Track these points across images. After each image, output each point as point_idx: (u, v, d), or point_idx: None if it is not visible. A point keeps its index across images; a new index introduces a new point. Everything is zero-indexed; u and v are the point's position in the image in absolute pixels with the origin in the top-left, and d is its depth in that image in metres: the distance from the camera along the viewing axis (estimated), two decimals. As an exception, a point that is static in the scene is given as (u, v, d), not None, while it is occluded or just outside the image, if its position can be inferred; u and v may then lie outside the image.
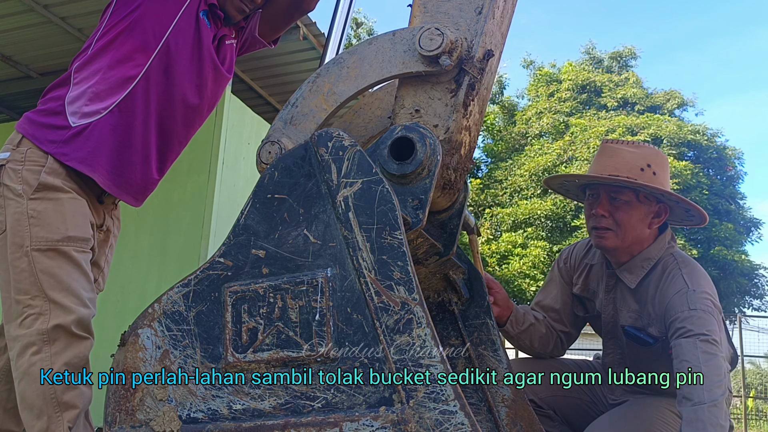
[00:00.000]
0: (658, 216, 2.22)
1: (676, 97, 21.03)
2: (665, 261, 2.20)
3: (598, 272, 2.38)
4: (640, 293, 2.22)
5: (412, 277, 1.25)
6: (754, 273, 18.50)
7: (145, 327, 1.40)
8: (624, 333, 2.25)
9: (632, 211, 2.18)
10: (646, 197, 2.18)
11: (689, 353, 1.97)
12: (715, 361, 1.96)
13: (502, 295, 2.24)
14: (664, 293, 2.12)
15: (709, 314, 2.03)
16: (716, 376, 1.95)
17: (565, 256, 2.53)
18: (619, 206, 2.18)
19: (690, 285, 2.09)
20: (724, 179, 18.69)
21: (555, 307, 2.45)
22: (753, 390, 14.93)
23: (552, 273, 2.56)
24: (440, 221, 1.78)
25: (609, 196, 2.19)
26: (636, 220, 2.18)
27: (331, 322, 1.26)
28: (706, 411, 1.90)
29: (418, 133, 1.50)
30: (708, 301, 2.07)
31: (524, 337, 2.33)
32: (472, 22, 1.60)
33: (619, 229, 2.18)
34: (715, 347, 1.97)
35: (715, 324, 2.02)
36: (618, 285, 2.29)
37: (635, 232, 2.19)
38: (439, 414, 1.14)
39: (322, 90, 1.69)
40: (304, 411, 1.24)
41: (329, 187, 1.38)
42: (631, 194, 2.17)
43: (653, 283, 2.18)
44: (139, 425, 1.35)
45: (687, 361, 1.96)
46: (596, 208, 2.21)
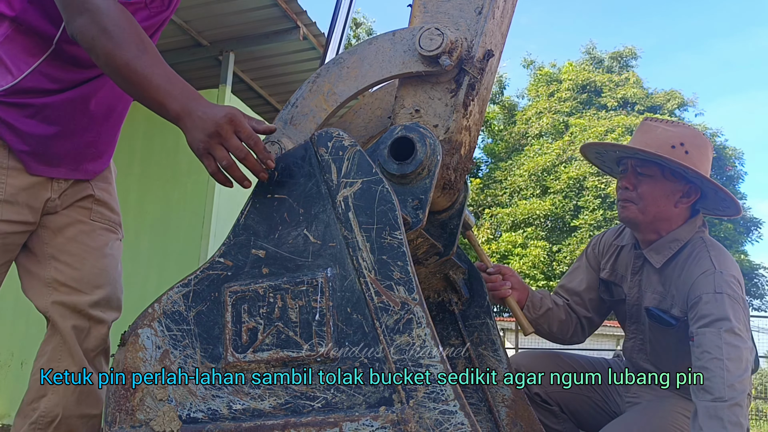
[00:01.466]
0: (687, 196, 2.20)
1: (676, 97, 21.06)
2: (693, 243, 2.18)
3: (627, 254, 2.36)
4: (665, 274, 2.20)
5: (412, 277, 1.25)
6: (754, 273, 18.51)
7: (145, 327, 1.40)
8: (647, 314, 2.22)
9: (656, 185, 2.17)
10: (672, 174, 2.16)
11: (712, 344, 1.92)
12: (739, 353, 1.91)
13: (517, 279, 2.23)
14: (690, 273, 2.10)
15: (735, 301, 1.98)
16: (739, 371, 1.89)
17: (595, 242, 2.52)
18: (643, 180, 2.18)
19: (717, 266, 2.05)
20: (724, 179, 18.70)
21: (579, 290, 2.43)
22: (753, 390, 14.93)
23: (580, 259, 2.54)
24: (440, 221, 1.78)
25: (635, 170, 2.20)
26: (659, 195, 2.17)
27: (331, 322, 1.26)
28: (727, 409, 1.85)
29: (418, 133, 1.50)
30: (735, 285, 2.03)
31: (542, 321, 2.30)
32: (472, 22, 1.60)
33: (641, 201, 2.18)
34: (740, 338, 1.92)
35: (741, 312, 1.98)
36: (644, 267, 2.28)
37: (658, 207, 2.18)
38: (439, 414, 1.14)
39: (322, 90, 1.69)
40: (304, 411, 1.24)
41: (329, 187, 1.38)
42: (656, 169, 2.17)
43: (679, 264, 2.16)
44: (139, 425, 1.35)
45: (709, 353, 1.91)
46: (623, 180, 2.24)
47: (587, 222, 17.63)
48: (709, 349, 1.92)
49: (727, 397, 1.86)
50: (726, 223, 17.65)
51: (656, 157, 2.12)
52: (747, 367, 1.92)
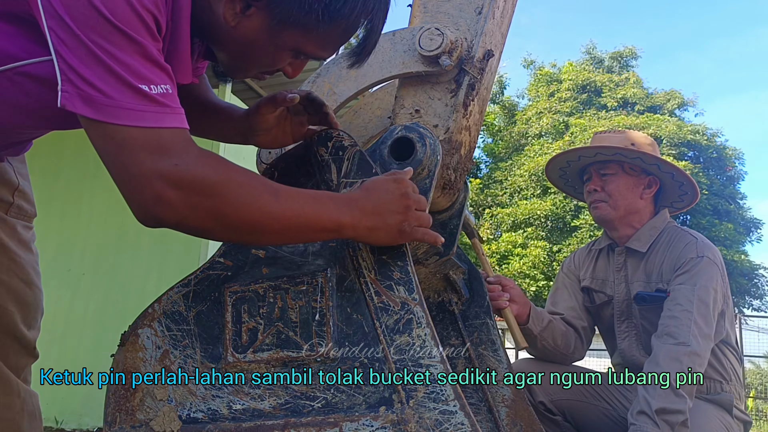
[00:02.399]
0: (649, 187, 2.41)
1: (676, 97, 21.06)
2: (669, 229, 2.37)
3: (606, 257, 2.49)
4: (650, 260, 2.33)
5: (411, 277, 1.25)
6: (754, 273, 18.52)
7: (144, 327, 1.39)
8: (637, 300, 2.31)
9: (619, 180, 2.38)
10: (632, 168, 2.39)
11: (684, 298, 2.09)
12: (707, 311, 2.08)
13: (517, 291, 2.22)
14: (675, 247, 2.28)
15: (714, 265, 2.18)
16: (707, 328, 2.06)
17: (568, 261, 2.64)
18: (608, 179, 2.40)
19: (698, 238, 2.28)
20: (724, 179, 18.69)
21: (569, 304, 2.50)
22: (753, 390, 14.92)
23: (557, 281, 2.62)
24: (440, 221, 1.78)
25: (598, 173, 2.42)
26: (625, 189, 2.38)
27: (331, 322, 1.26)
28: (687, 356, 1.98)
29: (417, 133, 1.50)
30: (716, 251, 2.24)
31: (546, 335, 2.30)
32: (472, 22, 1.60)
33: (610, 198, 2.38)
34: (710, 297, 2.11)
35: (719, 278, 2.17)
36: (627, 260, 2.40)
37: (626, 200, 2.37)
38: (439, 414, 1.14)
39: (322, 90, 1.69)
40: (303, 411, 1.24)
41: (329, 187, 1.38)
42: (616, 166, 2.39)
43: (662, 246, 2.33)
44: (139, 425, 1.34)
45: (681, 305, 2.08)
46: (589, 185, 2.44)
47: (587, 222, 17.64)
48: (681, 302, 2.09)
49: (690, 343, 1.99)
50: (726, 222, 17.65)
51: (616, 150, 2.33)
52: (711, 327, 2.08)
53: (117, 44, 0.99)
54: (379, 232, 1.21)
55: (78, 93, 0.99)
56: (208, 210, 1.07)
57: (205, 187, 1.05)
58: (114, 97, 0.99)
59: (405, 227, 1.23)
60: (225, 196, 1.07)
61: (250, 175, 1.12)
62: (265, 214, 1.10)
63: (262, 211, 1.10)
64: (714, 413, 2.16)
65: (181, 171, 1.03)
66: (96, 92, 0.98)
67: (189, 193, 1.04)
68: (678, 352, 1.98)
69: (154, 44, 1.04)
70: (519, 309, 2.20)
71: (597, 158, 2.40)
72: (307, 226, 1.15)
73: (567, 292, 2.53)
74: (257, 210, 1.10)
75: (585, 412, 2.32)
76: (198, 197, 1.05)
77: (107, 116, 0.99)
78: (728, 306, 2.25)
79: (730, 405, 2.23)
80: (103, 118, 0.99)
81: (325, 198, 1.19)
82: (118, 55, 0.99)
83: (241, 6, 1.14)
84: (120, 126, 0.99)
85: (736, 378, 2.30)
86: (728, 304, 2.26)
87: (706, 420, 2.10)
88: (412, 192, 1.25)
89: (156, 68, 1.03)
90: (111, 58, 0.98)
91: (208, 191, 1.05)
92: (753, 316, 17.70)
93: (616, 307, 2.40)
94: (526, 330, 2.24)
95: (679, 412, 1.92)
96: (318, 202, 1.16)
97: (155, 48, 1.04)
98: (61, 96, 0.99)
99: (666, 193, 2.46)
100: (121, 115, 0.99)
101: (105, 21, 0.98)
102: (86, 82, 0.98)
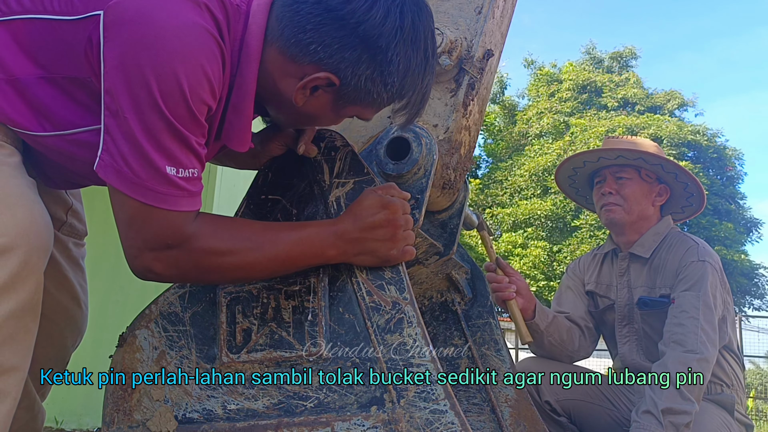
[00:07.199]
0: (660, 195, 2.42)
1: (676, 98, 21.03)
2: (672, 234, 2.37)
3: (610, 262, 2.49)
4: (653, 265, 2.34)
5: (403, 276, 1.26)
6: (754, 273, 18.50)
7: (142, 328, 1.40)
8: (639, 305, 2.32)
9: (635, 186, 2.38)
10: (648, 175, 2.38)
11: (690, 305, 2.10)
12: (712, 318, 2.09)
13: (524, 284, 2.18)
14: (676, 252, 2.29)
15: (715, 270, 2.20)
16: (713, 333, 2.07)
17: (573, 266, 2.64)
18: (624, 183, 2.38)
19: (699, 243, 2.30)
20: (724, 179, 18.68)
21: (575, 304, 2.50)
22: (753, 390, 14.90)
23: (563, 284, 2.62)
24: (440, 221, 1.78)
25: (614, 176, 2.40)
26: (640, 195, 2.38)
27: (323, 322, 1.27)
28: (696, 362, 1.99)
29: (413, 132, 1.51)
30: (716, 257, 2.26)
31: (552, 330, 2.28)
32: (472, 21, 1.60)
33: (625, 203, 2.36)
34: (713, 305, 2.12)
35: (718, 283, 2.20)
36: (631, 265, 2.41)
37: (640, 206, 2.37)
38: (430, 413, 1.15)
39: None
40: (296, 411, 1.24)
41: (321, 188, 1.39)
42: (633, 171, 2.38)
43: (664, 251, 2.34)
44: (136, 425, 1.35)
45: (687, 312, 2.09)
46: (603, 187, 2.41)
47: (588, 222, 17.62)
48: (686, 309, 2.10)
49: (699, 350, 2.01)
50: (726, 222, 17.63)
51: (639, 155, 2.31)
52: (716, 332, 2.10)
53: (163, 131, 1.10)
54: (365, 258, 1.28)
55: (112, 164, 1.11)
56: (196, 279, 1.30)
57: (196, 268, 1.21)
58: (141, 177, 1.10)
59: (393, 253, 1.27)
60: (212, 272, 1.23)
61: (237, 237, 1.22)
62: (253, 270, 1.25)
63: (248, 270, 1.24)
64: (715, 411, 2.17)
65: (174, 254, 1.18)
66: (127, 168, 1.10)
67: (179, 271, 1.21)
68: (688, 358, 1.99)
69: (199, 131, 1.15)
70: (524, 303, 2.17)
71: (618, 161, 2.39)
72: (296, 265, 1.26)
73: (573, 293, 2.53)
74: (243, 271, 1.24)
75: (590, 413, 2.31)
76: (186, 273, 1.23)
77: (129, 190, 1.11)
78: (729, 311, 2.26)
79: (731, 405, 2.24)
80: (125, 191, 1.12)
81: (311, 234, 1.25)
82: (160, 139, 1.10)
83: (310, 89, 1.21)
84: (137, 201, 1.12)
85: (738, 383, 2.31)
86: (729, 309, 2.26)
87: (708, 417, 2.10)
88: (401, 215, 1.28)
89: (191, 154, 1.14)
90: (152, 141, 1.09)
91: (198, 270, 1.22)
92: (753, 316, 17.72)
93: (618, 312, 2.40)
94: (533, 325, 2.22)
95: (686, 413, 1.93)
96: (303, 242, 1.25)
97: (200, 133, 1.16)
98: (98, 162, 1.12)
99: (672, 202, 2.47)
100: (139, 192, 1.11)
101: (160, 113, 1.08)
102: (122, 157, 1.10)
